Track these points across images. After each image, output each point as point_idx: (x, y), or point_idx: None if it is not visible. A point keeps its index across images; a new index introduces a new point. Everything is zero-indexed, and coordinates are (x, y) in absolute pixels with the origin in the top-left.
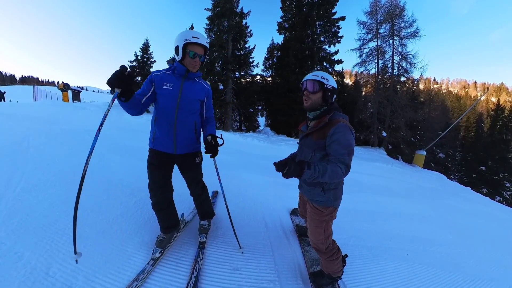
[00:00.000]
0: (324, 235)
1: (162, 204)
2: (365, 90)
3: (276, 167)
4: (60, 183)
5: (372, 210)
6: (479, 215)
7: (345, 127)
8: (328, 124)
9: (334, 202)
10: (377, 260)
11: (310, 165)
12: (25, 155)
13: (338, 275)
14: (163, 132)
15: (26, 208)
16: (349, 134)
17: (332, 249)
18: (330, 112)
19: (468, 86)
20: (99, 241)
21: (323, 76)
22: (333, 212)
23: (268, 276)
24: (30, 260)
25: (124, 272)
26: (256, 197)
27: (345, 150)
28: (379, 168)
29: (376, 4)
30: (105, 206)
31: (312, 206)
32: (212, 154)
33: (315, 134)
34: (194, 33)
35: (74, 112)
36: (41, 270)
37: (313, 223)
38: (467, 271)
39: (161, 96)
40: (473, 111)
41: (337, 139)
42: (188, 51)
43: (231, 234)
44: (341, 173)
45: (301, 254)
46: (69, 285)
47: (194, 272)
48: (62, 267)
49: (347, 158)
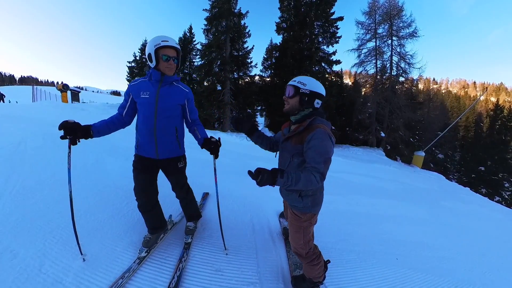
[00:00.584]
0: (303, 240)
1: (147, 206)
2: (365, 91)
3: (251, 175)
4: (55, 185)
5: (364, 213)
6: (476, 217)
7: (324, 133)
8: (307, 129)
9: (312, 208)
10: (364, 265)
11: (283, 173)
12: (22, 157)
13: (319, 280)
14: (145, 139)
15: (22, 209)
16: (327, 141)
17: (313, 254)
18: (311, 117)
19: (468, 86)
20: (89, 240)
21: (300, 80)
22: (311, 218)
23: (250, 278)
24: (25, 257)
25: (111, 270)
26: (246, 199)
27: (321, 158)
28: (376, 170)
29: (374, 4)
30: (97, 208)
31: (291, 211)
32: (215, 155)
33: (294, 139)
34: (163, 37)
35: (72, 113)
36: (34, 267)
37: (292, 228)
38: (459, 276)
39: (140, 104)
40: (472, 111)
41: (314, 146)
42: (161, 55)
43: (218, 236)
44: (315, 181)
45: (286, 257)
46: (60, 281)
47: (177, 272)
48: (54, 264)
49: (322, 167)
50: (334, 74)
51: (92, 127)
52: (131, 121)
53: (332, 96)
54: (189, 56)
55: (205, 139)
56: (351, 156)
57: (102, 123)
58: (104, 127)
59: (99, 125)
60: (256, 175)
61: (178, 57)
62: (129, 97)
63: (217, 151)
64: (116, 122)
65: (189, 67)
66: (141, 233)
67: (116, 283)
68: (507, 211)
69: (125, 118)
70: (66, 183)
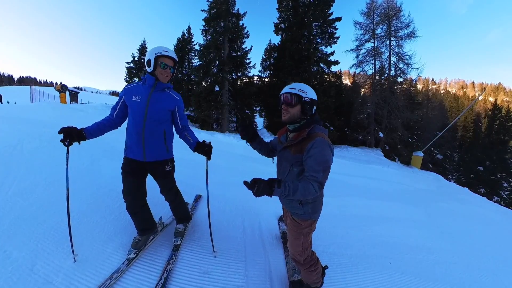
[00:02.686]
0: (302, 247)
1: (134, 208)
2: (363, 91)
3: (247, 185)
4: (50, 187)
5: (360, 215)
6: (473, 218)
7: (323, 142)
8: (307, 138)
9: (312, 215)
10: (356, 269)
11: (280, 183)
12: (18, 158)
13: (317, 286)
14: (133, 141)
15: (17, 210)
16: (327, 150)
17: (310, 260)
18: (310, 126)
19: (466, 86)
20: (81, 242)
21: (301, 88)
22: (311, 225)
23: (236, 281)
24: (17, 258)
25: (100, 271)
26: (239, 201)
27: (320, 167)
28: (374, 170)
29: (372, 5)
30: (90, 209)
31: (291, 218)
32: (208, 156)
33: (294, 148)
34: (164, 48)
35: (71, 114)
36: (26, 267)
37: (292, 235)
38: (454, 281)
39: (131, 107)
40: (471, 111)
41: (313, 155)
42: (159, 62)
43: (207, 238)
44: (313, 191)
45: (284, 261)
46: (50, 281)
47: (165, 274)
48: (46, 264)
49: (321, 176)
50: (333, 75)
51: (84, 130)
52: (121, 123)
53: (331, 96)
54: (187, 56)
55: (198, 142)
56: (349, 157)
57: (94, 125)
58: (96, 129)
59: (91, 128)
60: (252, 186)
61: (174, 68)
62: (121, 99)
63: (209, 153)
64: (107, 123)
65: (188, 67)
66: (132, 235)
67: (105, 283)
68: (505, 211)
69: (115, 119)
70: (61, 185)
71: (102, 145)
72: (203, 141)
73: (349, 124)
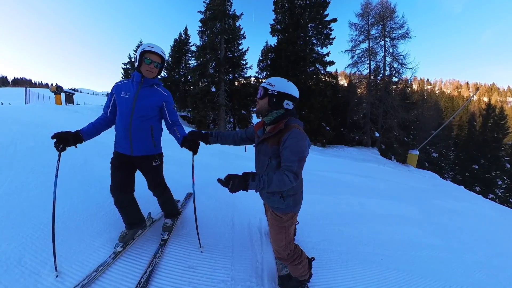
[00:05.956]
0: (285, 241)
1: (122, 202)
2: (360, 91)
3: (221, 183)
4: (41, 186)
5: (353, 212)
6: (468, 214)
7: (299, 133)
8: (284, 130)
9: (294, 208)
10: (346, 266)
11: (254, 176)
12: (11, 159)
13: (305, 278)
14: (121, 135)
15: (7, 208)
16: (303, 141)
17: (294, 254)
18: (286, 118)
19: (461, 87)
20: (70, 236)
21: (270, 82)
22: (292, 218)
23: (221, 276)
24: (6, 251)
25: (87, 264)
26: (229, 199)
27: (295, 157)
28: (370, 169)
29: (367, 6)
30: (81, 206)
31: (272, 213)
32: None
33: (271, 140)
34: (150, 44)
35: (65, 115)
36: (14, 259)
37: (274, 230)
38: (446, 277)
39: (119, 104)
40: (466, 111)
41: (289, 145)
42: (144, 58)
43: (195, 233)
44: (288, 181)
45: (274, 257)
46: (37, 272)
47: (150, 267)
48: (33, 257)
49: (296, 166)
50: (328, 75)
51: (80, 132)
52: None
53: (327, 97)
54: (184, 57)
55: (184, 137)
56: (345, 156)
57: (89, 126)
58: (91, 130)
59: (86, 129)
60: (226, 182)
61: (161, 64)
62: (112, 96)
63: (196, 147)
64: (103, 122)
65: (185, 68)
66: (121, 230)
67: (90, 276)
68: (499, 208)
69: (109, 116)
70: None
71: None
72: (191, 131)
73: (345, 124)
